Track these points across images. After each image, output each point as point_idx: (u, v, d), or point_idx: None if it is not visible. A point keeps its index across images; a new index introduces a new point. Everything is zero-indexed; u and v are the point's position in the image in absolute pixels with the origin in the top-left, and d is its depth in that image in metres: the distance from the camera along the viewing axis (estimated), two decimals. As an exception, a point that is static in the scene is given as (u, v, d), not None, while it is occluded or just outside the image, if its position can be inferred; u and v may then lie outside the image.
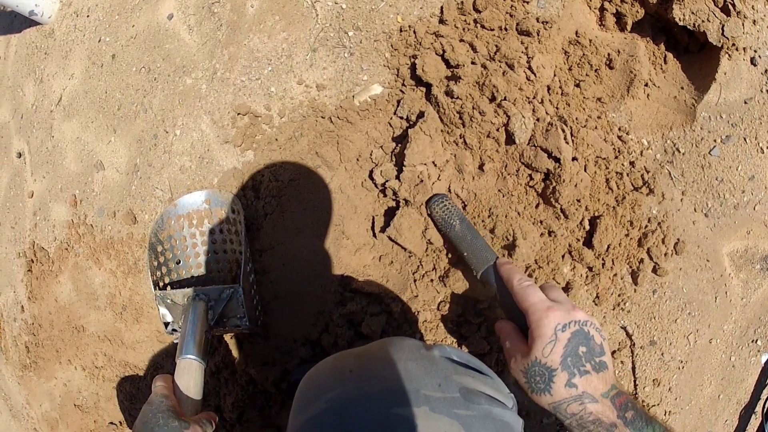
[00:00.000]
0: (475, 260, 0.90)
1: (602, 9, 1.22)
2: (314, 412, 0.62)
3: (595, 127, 1.15)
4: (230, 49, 1.19)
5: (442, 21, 1.13)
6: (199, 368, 0.87)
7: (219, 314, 1.03)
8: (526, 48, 1.10)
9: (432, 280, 1.12)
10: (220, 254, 1.17)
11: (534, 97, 1.11)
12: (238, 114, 1.16)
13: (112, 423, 1.48)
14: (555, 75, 1.16)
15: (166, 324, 1.07)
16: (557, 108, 1.13)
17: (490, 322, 1.10)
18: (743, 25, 1.05)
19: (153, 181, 1.24)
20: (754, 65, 1.07)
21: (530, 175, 1.12)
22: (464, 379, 0.65)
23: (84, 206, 1.37)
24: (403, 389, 0.60)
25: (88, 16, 1.44)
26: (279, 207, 1.15)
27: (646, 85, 1.19)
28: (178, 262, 1.16)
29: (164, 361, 1.34)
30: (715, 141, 1.07)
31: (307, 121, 1.12)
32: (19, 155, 1.57)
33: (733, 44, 1.06)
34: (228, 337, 1.23)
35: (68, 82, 1.44)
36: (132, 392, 1.43)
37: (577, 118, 1.13)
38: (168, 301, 1.04)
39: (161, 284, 1.11)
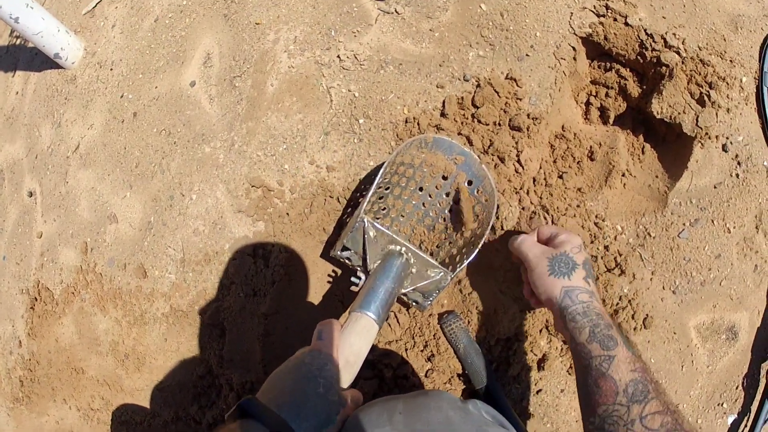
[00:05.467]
0: (474, 378, 1.06)
1: (588, 103, 1.33)
2: None
3: (574, 215, 1.24)
4: (249, 123, 1.27)
5: (443, 114, 1.23)
6: (375, 332, 0.75)
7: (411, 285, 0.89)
8: (517, 143, 1.21)
9: (422, 351, 1.20)
10: (440, 224, 1.03)
11: (521, 188, 1.22)
12: (253, 186, 1.23)
13: (102, 465, 1.51)
14: (540, 167, 1.27)
15: (345, 251, 0.90)
16: (541, 198, 1.24)
17: (471, 392, 1.18)
18: (717, 114, 1.15)
19: (166, 239, 1.30)
20: (725, 151, 1.15)
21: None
22: (493, 430, 0.73)
23: (94, 254, 1.42)
24: None
25: (111, 70, 1.51)
26: (286, 276, 1.22)
27: (623, 175, 1.29)
28: (398, 199, 1.00)
29: (162, 411, 1.39)
30: (684, 224, 1.15)
31: (316, 199, 1.20)
32: (31, 194, 1.62)
33: (706, 133, 1.15)
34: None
35: (87, 131, 1.50)
36: (126, 437, 1.47)
37: (558, 207, 1.23)
38: (370, 233, 0.86)
39: (372, 214, 0.92)
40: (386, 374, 1.18)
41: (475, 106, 1.22)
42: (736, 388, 1.15)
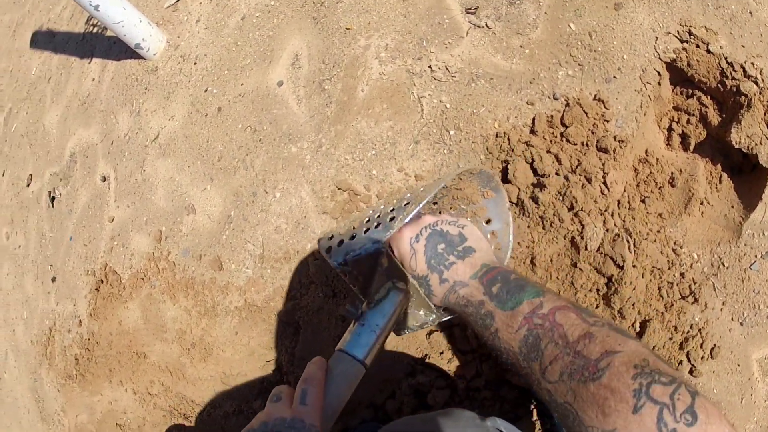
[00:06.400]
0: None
1: (670, 129, 1.34)
2: None
3: (654, 240, 1.25)
4: (338, 127, 1.29)
5: (533, 131, 1.24)
6: (360, 377, 0.68)
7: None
8: (603, 164, 1.22)
9: (496, 364, 1.21)
10: None
11: (606, 210, 1.23)
12: (339, 189, 1.25)
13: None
14: (624, 190, 1.28)
15: (345, 267, 0.77)
16: (624, 221, 1.24)
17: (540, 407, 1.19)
18: None
19: (246, 235, 1.32)
20: None
21: (595, 280, 1.24)
22: None
23: (168, 243, 1.45)
24: None
25: (195, 64, 1.54)
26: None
27: (702, 203, 1.29)
28: None
29: (224, 402, 1.41)
30: (756, 256, 1.15)
31: (393, 199, 1.22)
32: (104, 179, 1.65)
33: None
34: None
35: (168, 122, 1.53)
36: (182, 425, 1.49)
37: (640, 231, 1.23)
38: (384, 263, 0.77)
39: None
40: (459, 385, 1.19)
41: (564, 125, 1.24)
42: None
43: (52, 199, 1.85)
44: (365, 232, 0.78)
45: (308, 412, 0.57)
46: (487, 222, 0.93)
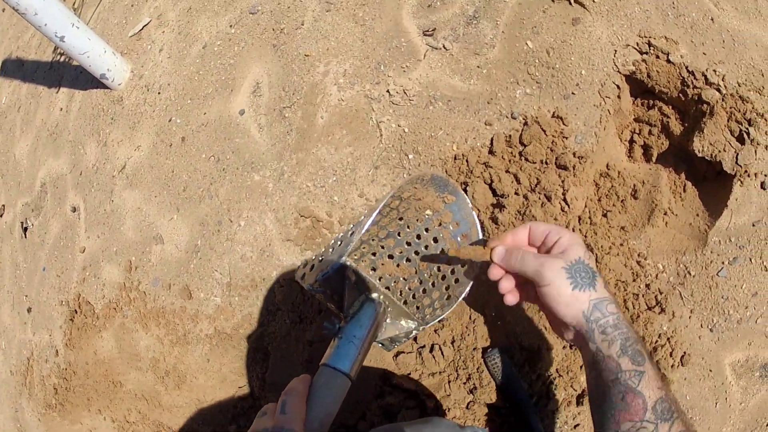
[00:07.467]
0: (515, 412, 1.09)
1: (632, 141, 1.34)
2: None
3: (617, 254, 1.27)
4: (299, 154, 1.31)
5: (491, 152, 1.26)
6: (346, 389, 0.69)
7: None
8: (563, 181, 1.23)
9: (464, 383, 1.24)
10: (421, 270, 0.92)
11: (567, 227, 1.24)
12: (301, 216, 1.27)
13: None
14: (586, 206, 1.29)
15: (318, 290, 0.81)
16: (585, 236, 1.27)
17: (510, 424, 1.22)
18: (755, 152, 1.13)
19: (213, 264, 1.34)
20: (764, 189, 1.14)
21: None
22: None
23: (139, 273, 1.46)
24: None
25: (159, 93, 1.55)
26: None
27: (665, 213, 1.29)
28: (382, 229, 0.89)
29: (200, 428, 1.43)
30: (723, 263, 1.16)
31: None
32: (74, 210, 1.66)
33: (746, 171, 1.14)
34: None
35: (134, 152, 1.54)
36: (161, 451, 1.51)
37: (602, 246, 1.26)
38: (351, 278, 0.79)
39: (355, 255, 0.83)
40: (428, 404, 1.21)
41: (522, 144, 1.25)
42: (767, 425, 1.18)
43: (25, 229, 1.86)
44: (331, 252, 0.83)
45: (288, 419, 0.59)
46: (455, 225, 0.94)
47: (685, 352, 1.18)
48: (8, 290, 1.92)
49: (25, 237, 1.86)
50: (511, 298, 0.75)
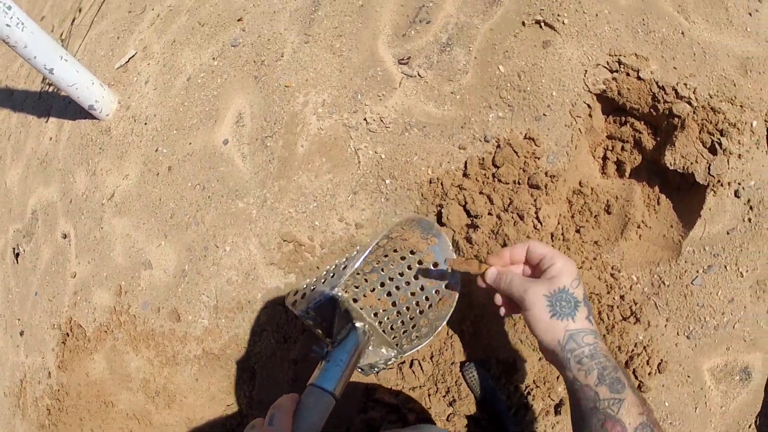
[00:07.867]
0: (494, 423, 1.15)
1: (605, 158, 1.36)
2: None
3: (590, 268, 1.31)
4: (281, 182, 1.37)
5: (465, 174, 1.32)
6: (331, 407, 0.75)
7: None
8: (535, 200, 1.26)
9: (444, 396, 1.30)
10: (401, 303, 1.01)
11: (541, 244, 1.31)
12: (284, 241, 1.34)
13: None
14: (559, 223, 1.33)
15: (308, 316, 0.89)
16: (558, 252, 1.33)
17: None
18: (728, 161, 1.14)
19: (200, 287, 1.40)
20: (738, 197, 1.14)
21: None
22: None
23: (128, 297, 1.51)
24: None
25: (145, 124, 1.61)
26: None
27: (639, 226, 1.31)
28: (368, 265, 0.97)
29: (191, 446, 1.48)
30: (697, 271, 1.16)
31: (345, 254, 1.31)
32: (65, 236, 1.71)
33: (719, 181, 1.15)
34: None
35: (122, 181, 1.60)
36: (154, 469, 1.55)
37: (575, 261, 1.31)
38: (341, 309, 0.87)
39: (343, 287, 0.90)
40: (410, 417, 1.28)
41: (495, 165, 1.28)
42: (749, 426, 1.15)
43: (17, 255, 1.90)
44: (323, 283, 0.90)
45: (275, 431, 0.63)
46: (434, 266, 1.01)
47: (662, 360, 1.19)
48: (1, 314, 1.96)
49: (17, 262, 1.90)
50: (503, 310, 0.81)
